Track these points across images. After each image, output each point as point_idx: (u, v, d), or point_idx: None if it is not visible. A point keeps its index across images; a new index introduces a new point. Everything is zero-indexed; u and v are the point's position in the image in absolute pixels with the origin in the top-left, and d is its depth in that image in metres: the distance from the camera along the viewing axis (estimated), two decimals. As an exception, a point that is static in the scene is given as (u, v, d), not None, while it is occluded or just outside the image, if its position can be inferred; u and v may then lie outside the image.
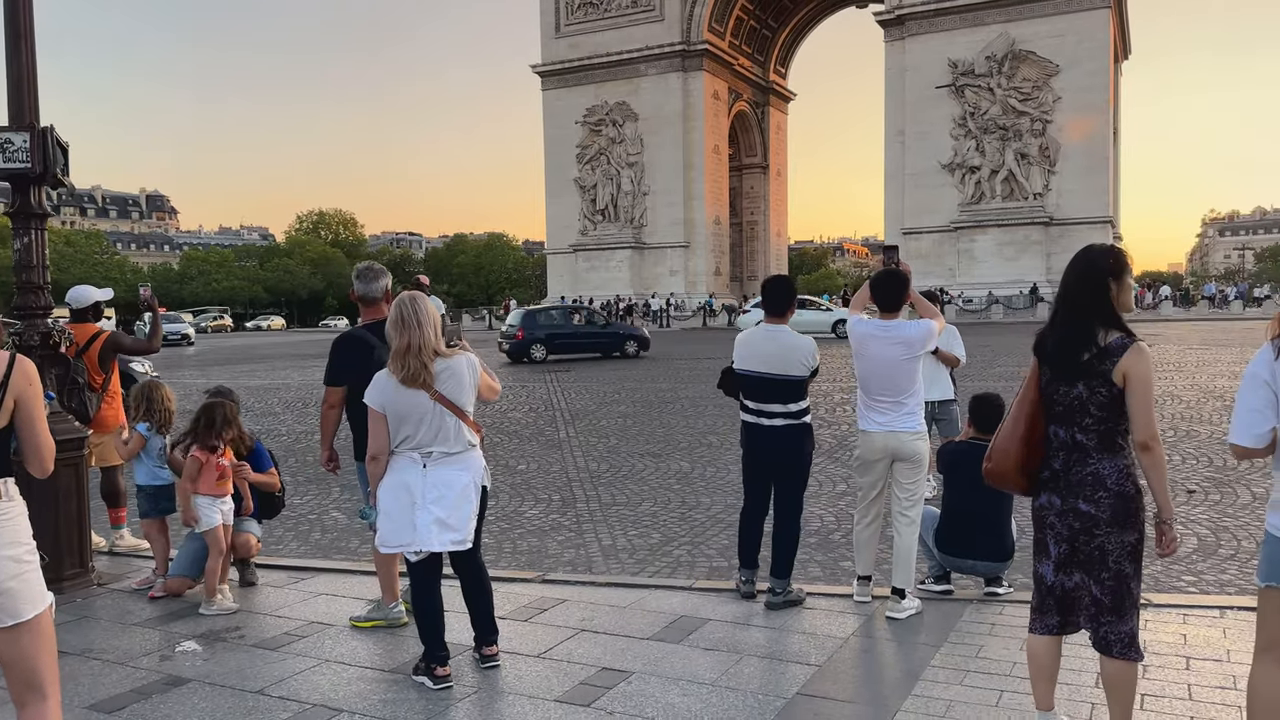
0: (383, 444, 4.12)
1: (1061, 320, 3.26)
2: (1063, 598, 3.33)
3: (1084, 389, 3.18)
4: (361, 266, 5.19)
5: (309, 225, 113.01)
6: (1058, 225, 50.68)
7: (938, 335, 5.25)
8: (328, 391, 4.97)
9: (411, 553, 4.13)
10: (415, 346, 4.02)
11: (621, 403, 15.51)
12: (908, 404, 5.04)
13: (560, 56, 64.42)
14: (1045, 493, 3.34)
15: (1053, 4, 50.05)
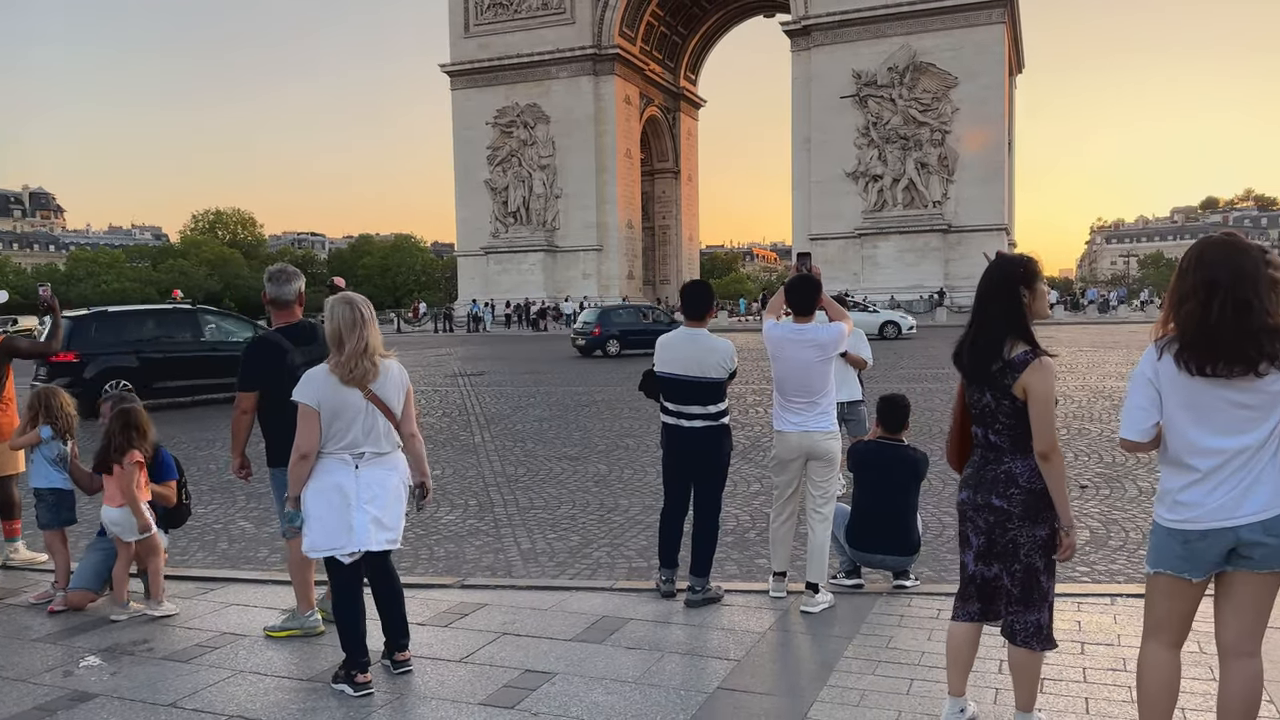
0: (314, 443, 4.05)
1: (975, 330, 3.41)
2: (983, 586, 3.50)
3: (991, 398, 3.37)
4: (274, 269, 5.06)
5: (205, 225, 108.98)
6: (956, 232, 52.61)
7: (848, 338, 5.44)
8: (240, 397, 4.85)
9: (346, 555, 4.08)
10: (369, 348, 4.03)
11: (537, 406, 15.47)
12: (821, 404, 5.21)
13: (470, 56, 63.76)
14: (964, 489, 3.54)
15: (951, 18, 51.96)
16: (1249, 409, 2.87)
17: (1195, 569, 2.96)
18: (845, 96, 54.09)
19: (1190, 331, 2.89)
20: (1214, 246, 2.95)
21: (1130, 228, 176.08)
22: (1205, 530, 2.90)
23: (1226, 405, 2.88)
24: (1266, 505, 2.86)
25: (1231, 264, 2.87)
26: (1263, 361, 2.81)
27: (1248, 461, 2.88)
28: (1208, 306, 2.86)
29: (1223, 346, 2.84)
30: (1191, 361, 2.88)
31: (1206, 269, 2.90)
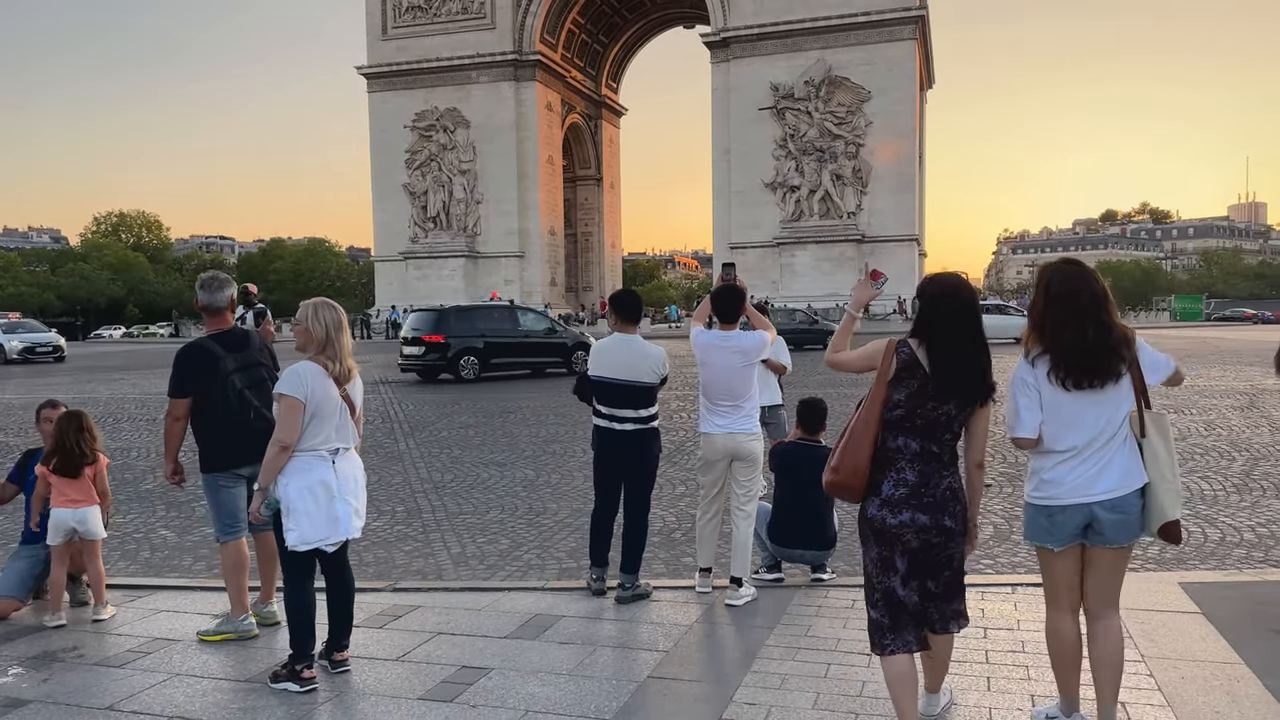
0: (296, 435, 4.20)
1: (950, 342, 3.34)
2: (915, 611, 3.44)
3: (954, 407, 3.34)
4: (206, 276, 5.12)
5: (108, 228, 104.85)
6: (869, 242, 54.15)
7: (770, 345, 5.72)
8: (173, 404, 4.88)
9: (330, 545, 4.26)
10: (350, 350, 4.24)
11: (461, 413, 15.47)
12: (745, 408, 5.48)
13: (387, 59, 62.94)
14: (903, 510, 3.36)
15: (864, 34, 53.54)
16: (1106, 406, 3.39)
17: (1056, 540, 3.47)
18: (763, 108, 55.21)
19: (1073, 355, 3.35)
20: (1074, 277, 3.42)
21: (1035, 239, 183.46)
22: (1065, 505, 3.42)
23: (1093, 407, 3.39)
24: (1116, 486, 3.40)
25: (1090, 290, 3.37)
26: (1121, 367, 3.38)
27: (1102, 447, 3.40)
28: (1083, 332, 3.34)
29: (1099, 365, 3.35)
30: (1069, 379, 3.36)
31: (1072, 299, 3.37)
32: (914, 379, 3.33)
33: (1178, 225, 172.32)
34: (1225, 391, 16.25)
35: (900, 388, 3.35)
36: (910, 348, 3.37)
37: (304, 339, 4.32)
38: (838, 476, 3.49)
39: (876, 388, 3.38)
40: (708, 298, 5.75)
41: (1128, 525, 3.43)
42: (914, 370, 3.33)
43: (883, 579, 3.43)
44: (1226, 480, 8.84)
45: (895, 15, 53.04)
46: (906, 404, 3.34)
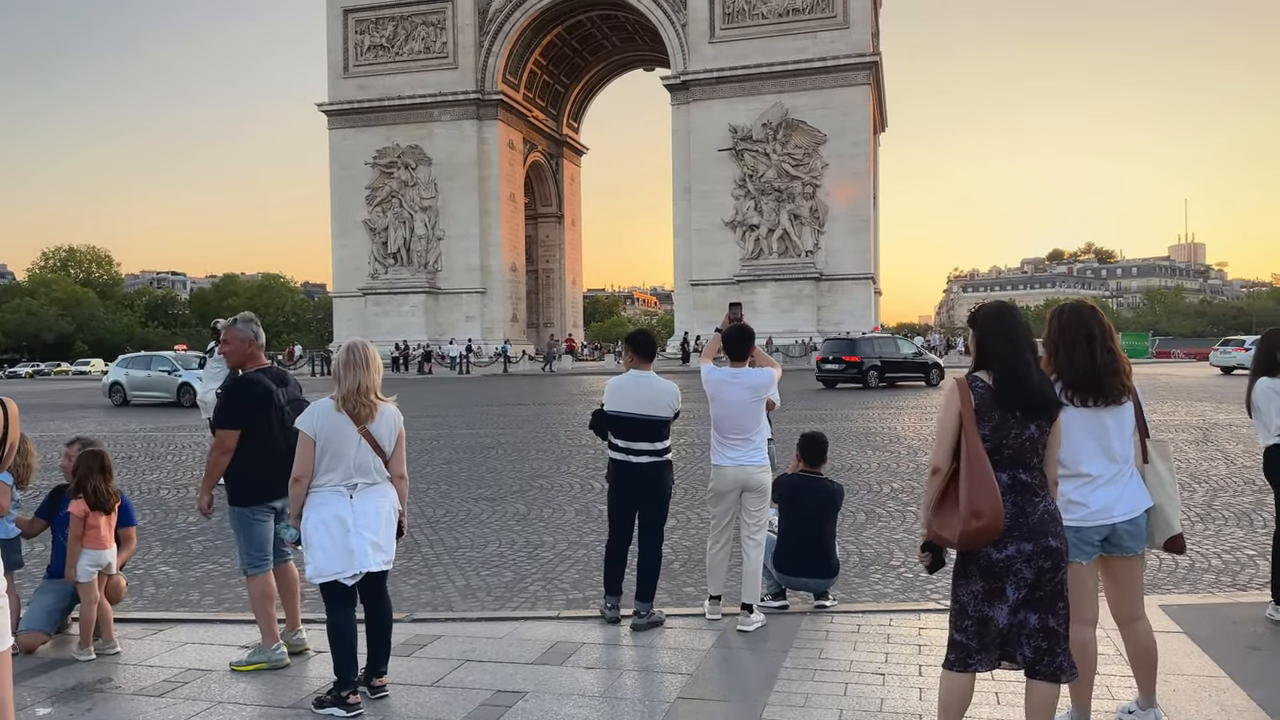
0: (307, 468, 4.39)
1: (1024, 367, 3.48)
2: (1009, 635, 3.45)
3: (1036, 430, 3.46)
4: (245, 316, 5.33)
5: (57, 263, 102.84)
6: (827, 280, 55.20)
7: (778, 381, 6.03)
8: (224, 436, 5.02)
9: (348, 578, 4.36)
10: (365, 388, 4.35)
11: (442, 449, 15.55)
12: (755, 441, 5.77)
13: (349, 97, 63.05)
14: (1013, 542, 3.38)
15: (820, 79, 54.96)
16: (1117, 429, 3.88)
17: (1084, 554, 3.87)
18: (723, 150, 56.24)
19: (1083, 372, 3.84)
20: (1085, 309, 3.98)
21: (984, 278, 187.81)
22: (1091, 527, 3.85)
23: (1103, 427, 3.85)
24: (1132, 509, 3.92)
25: (1098, 322, 3.92)
26: (1124, 394, 3.90)
27: (1117, 474, 3.89)
28: (1092, 355, 3.85)
29: (1105, 384, 3.86)
30: (1078, 396, 3.84)
31: (1084, 326, 3.89)
32: (995, 410, 3.43)
33: (1122, 264, 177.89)
34: (1180, 426, 16.95)
35: (984, 422, 3.42)
36: (982, 380, 3.51)
37: (333, 376, 4.56)
38: (983, 521, 3.33)
39: (967, 424, 3.42)
40: (717, 336, 6.05)
41: (1140, 537, 3.98)
42: (993, 402, 3.43)
43: (982, 608, 3.43)
44: (1191, 510, 9.31)
45: (850, 61, 54.58)
46: (992, 437, 3.42)
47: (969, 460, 3.40)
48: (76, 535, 5.20)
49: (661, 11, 58.19)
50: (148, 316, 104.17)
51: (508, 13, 60.80)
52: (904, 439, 15.69)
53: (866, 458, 13.36)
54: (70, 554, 5.21)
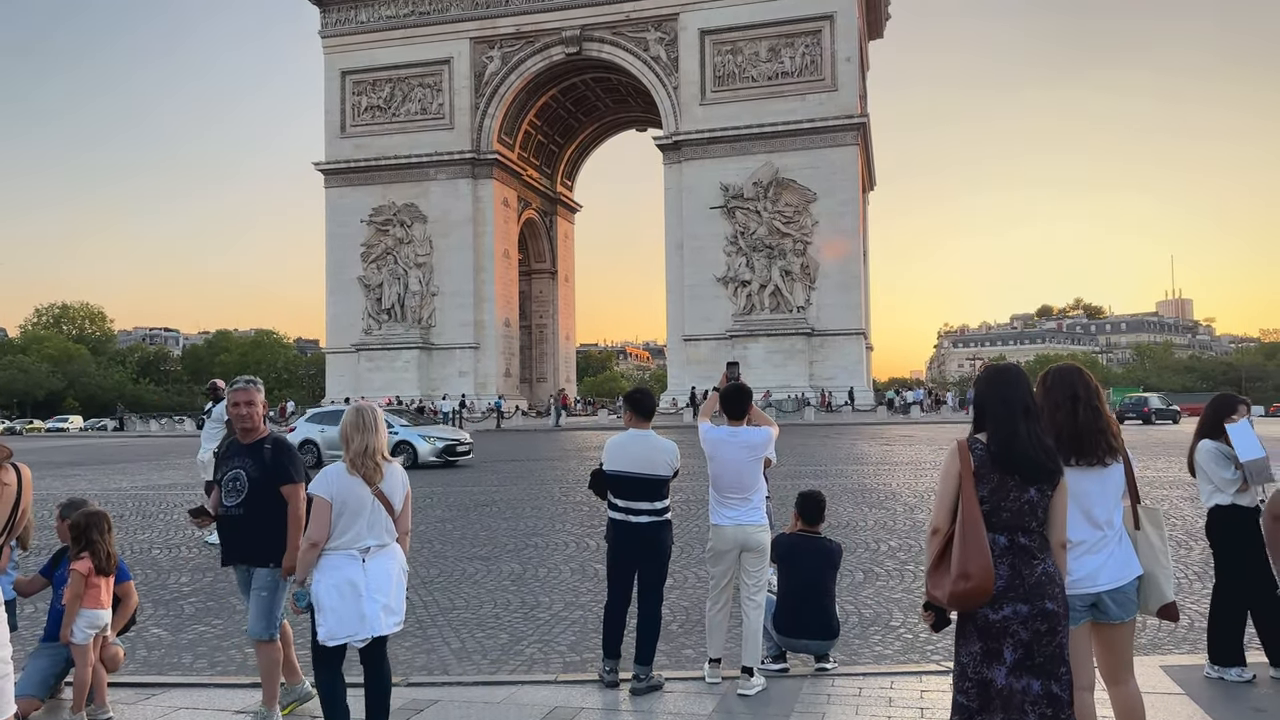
0: (325, 533, 4.40)
1: (1025, 430, 3.52)
2: (1009, 698, 3.43)
3: (1036, 494, 3.49)
4: (255, 380, 5.40)
5: (49, 319, 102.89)
6: (819, 336, 55.58)
7: (775, 440, 6.06)
8: (301, 489, 5.08)
9: (359, 641, 4.37)
10: (373, 449, 4.41)
11: (435, 507, 15.45)
12: (753, 500, 5.78)
13: (346, 156, 63.92)
14: (1008, 604, 3.40)
15: (809, 140, 56.00)
16: (1099, 494, 3.82)
17: (1071, 619, 3.74)
18: (714, 207, 57.03)
19: (1065, 430, 3.84)
20: (1071, 370, 4.02)
21: (974, 333, 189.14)
22: (1073, 596, 3.73)
23: (1084, 491, 3.79)
24: (1117, 578, 3.84)
25: (1084, 381, 3.95)
26: (1109, 454, 3.85)
27: (1101, 540, 3.82)
28: (1075, 413, 3.86)
29: (1086, 442, 3.84)
30: (1061, 453, 3.76)
31: (1069, 385, 3.93)
32: (994, 472, 3.47)
33: (1111, 320, 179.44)
34: (1173, 482, 16.98)
35: (982, 484, 3.48)
36: (982, 443, 3.56)
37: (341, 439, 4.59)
38: (971, 583, 3.36)
39: (965, 485, 3.46)
40: (714, 395, 6.09)
41: (1128, 605, 3.89)
42: (992, 464, 3.47)
43: (981, 670, 3.44)
44: (1188, 569, 9.29)
45: (838, 123, 55.66)
46: (991, 499, 3.45)
47: (963, 522, 3.44)
48: (77, 594, 5.15)
49: (654, 75, 59.42)
50: (139, 373, 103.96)
51: (503, 75, 62.02)
52: (900, 496, 15.67)
53: (863, 515, 13.33)
54: (68, 613, 5.17)
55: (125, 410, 76.71)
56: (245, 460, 5.23)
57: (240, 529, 5.17)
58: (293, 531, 5.07)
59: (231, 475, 5.23)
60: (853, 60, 56.39)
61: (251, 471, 5.17)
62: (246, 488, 5.14)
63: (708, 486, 6.01)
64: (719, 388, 6.04)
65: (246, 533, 5.13)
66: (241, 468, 5.21)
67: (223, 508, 5.25)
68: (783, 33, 56.68)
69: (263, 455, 5.20)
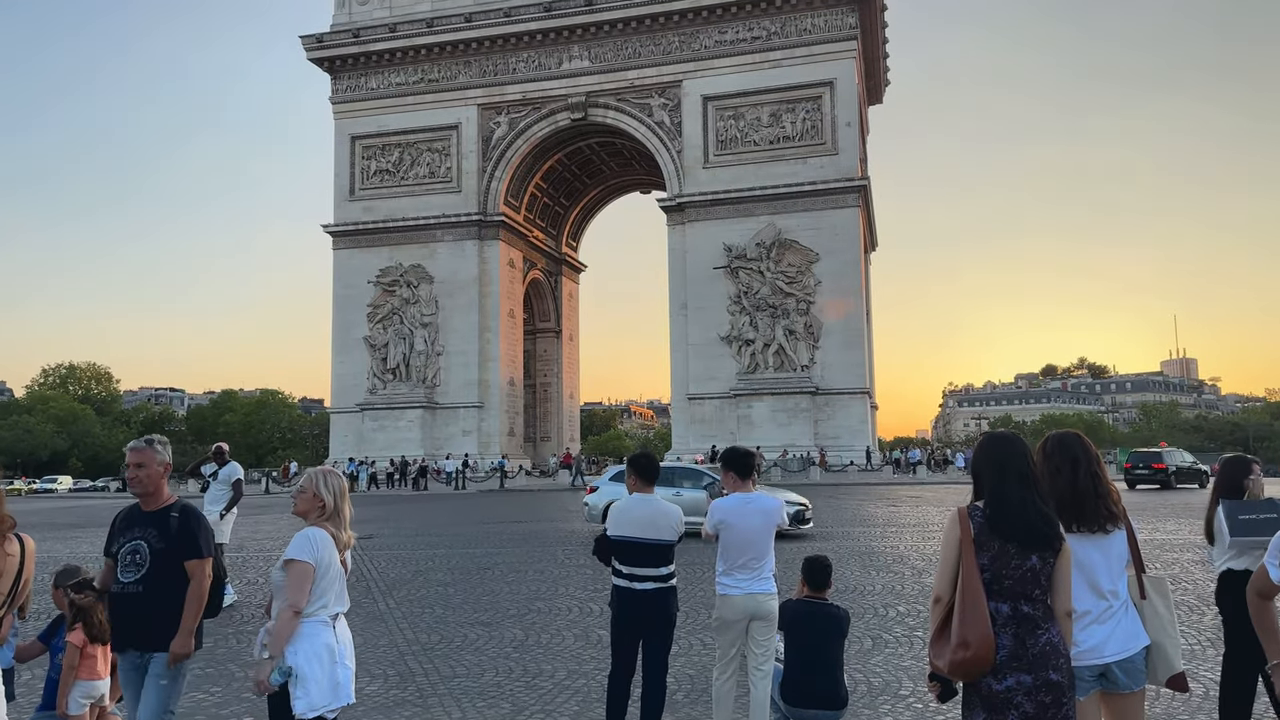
0: (304, 598, 4.30)
1: (1020, 496, 3.53)
2: None
3: (1038, 560, 3.46)
4: (160, 439, 5.06)
5: (56, 380, 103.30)
6: (823, 395, 55.52)
7: (784, 507, 6.05)
8: (206, 564, 4.96)
9: (332, 712, 4.30)
10: (351, 515, 4.45)
11: (438, 570, 15.31)
12: (764, 569, 5.75)
13: (354, 219, 64.75)
14: (1009, 674, 3.37)
15: (811, 201, 56.69)
16: (1103, 562, 3.79)
17: (1079, 690, 3.73)
18: (718, 267, 57.49)
19: (1065, 496, 3.83)
20: (1070, 437, 4.02)
21: (979, 392, 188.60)
22: (1080, 667, 3.70)
23: (1088, 559, 3.77)
24: (1123, 648, 3.80)
25: (1083, 446, 3.96)
26: (1109, 521, 3.83)
27: (1106, 610, 3.79)
28: (1075, 479, 3.85)
29: (1087, 508, 3.83)
30: (1062, 519, 3.74)
31: (1068, 451, 3.93)
32: (993, 540, 3.45)
33: (1115, 380, 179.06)
34: (1183, 545, 16.79)
35: (982, 552, 3.45)
36: (981, 510, 3.56)
37: (308, 505, 4.46)
38: (970, 652, 3.35)
39: (965, 554, 3.45)
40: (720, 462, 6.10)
41: (1137, 675, 3.84)
42: (991, 531, 3.47)
43: None
44: (1200, 635, 9.15)
45: (839, 185, 56.40)
46: (992, 567, 3.43)
47: (963, 590, 3.44)
48: (71, 665, 5.10)
49: (657, 139, 60.46)
50: (143, 433, 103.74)
51: (510, 140, 63.14)
52: (908, 559, 15.50)
53: (870, 579, 13.17)
54: (63, 684, 5.11)
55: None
56: (148, 530, 4.72)
57: (138, 608, 4.62)
58: (191, 612, 4.67)
59: (130, 547, 4.71)
60: (853, 125, 57.36)
61: (154, 543, 4.68)
62: (148, 561, 4.63)
63: (706, 548, 5.98)
64: (724, 453, 6.05)
65: (146, 613, 4.61)
66: (143, 538, 4.70)
67: (117, 584, 4.71)
68: (784, 99, 57.77)
69: (168, 525, 4.72)
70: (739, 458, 5.86)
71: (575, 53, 61.92)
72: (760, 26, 58.56)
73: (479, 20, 62.51)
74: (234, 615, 11.51)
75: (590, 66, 61.55)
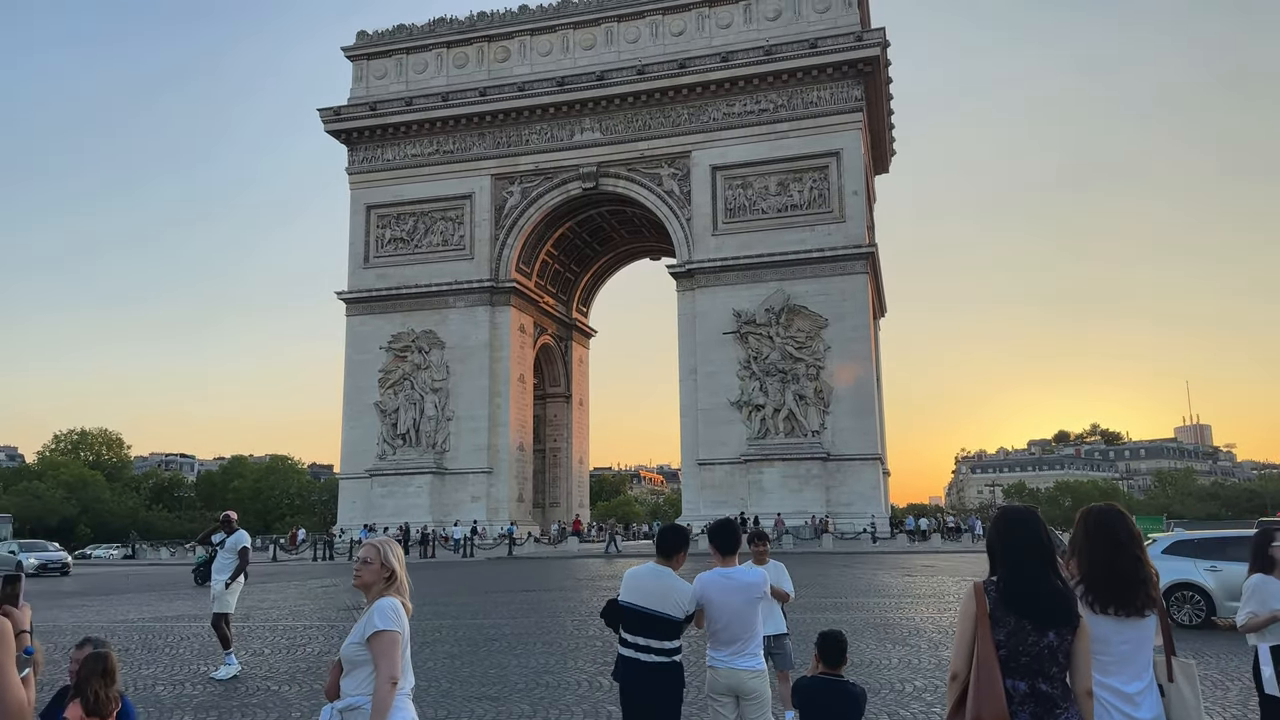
0: (397, 669, 4.24)
1: (1034, 572, 3.48)
2: None
3: (1055, 637, 3.42)
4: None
5: (68, 445, 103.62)
6: (834, 461, 55.15)
7: (768, 582, 6.00)
8: None
9: None
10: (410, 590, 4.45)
11: (444, 641, 15.10)
12: (748, 644, 5.69)
13: (368, 285, 65.55)
14: None
15: (819, 267, 57.16)
16: (1138, 644, 3.70)
17: None
18: (728, 333, 57.74)
19: (1104, 578, 3.74)
20: (1112, 515, 3.90)
21: (992, 458, 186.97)
22: None
23: (1119, 639, 3.70)
24: None
25: (1126, 526, 3.84)
26: (1147, 606, 3.74)
27: (1144, 689, 3.66)
28: (1115, 560, 3.75)
29: (1128, 593, 3.74)
30: (1098, 602, 3.72)
31: (1110, 531, 3.80)
32: (1009, 615, 3.40)
33: (1129, 446, 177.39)
34: (1204, 616, 16.39)
35: (999, 627, 3.40)
36: (995, 584, 3.52)
37: (374, 575, 4.41)
38: None
39: (981, 629, 3.39)
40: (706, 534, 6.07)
41: None
42: (1007, 607, 3.42)
43: None
44: (1225, 711, 8.92)
45: (847, 252, 56.92)
46: (1008, 643, 3.38)
47: (978, 666, 3.39)
48: None
49: (667, 208, 61.35)
50: (152, 499, 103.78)
51: (523, 208, 64.19)
52: (924, 631, 15.21)
53: (887, 652, 12.92)
54: None
55: (137, 537, 76.23)
56: None
57: None
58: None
59: None
60: (859, 193, 58.12)
61: None
62: None
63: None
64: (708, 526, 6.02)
65: None
66: None
67: None
68: (791, 168, 58.69)
69: None
70: (720, 531, 5.85)
71: (587, 125, 63.27)
72: (767, 100, 59.83)
73: (493, 94, 64.09)
74: (239, 688, 11.35)
75: (601, 138, 62.83)
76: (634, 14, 63.48)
